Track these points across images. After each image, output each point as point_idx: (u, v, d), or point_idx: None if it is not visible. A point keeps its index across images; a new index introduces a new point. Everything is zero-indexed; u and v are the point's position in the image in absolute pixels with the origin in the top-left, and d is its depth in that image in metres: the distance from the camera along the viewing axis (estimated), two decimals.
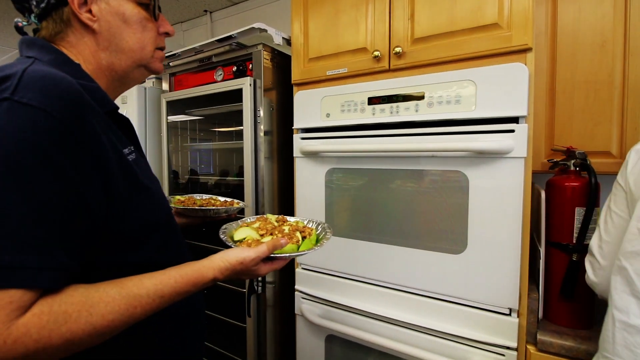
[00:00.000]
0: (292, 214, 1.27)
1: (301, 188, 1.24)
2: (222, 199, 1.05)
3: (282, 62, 1.31)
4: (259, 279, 1.25)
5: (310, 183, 1.22)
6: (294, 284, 1.28)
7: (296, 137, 1.24)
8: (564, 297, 0.89)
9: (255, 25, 1.15)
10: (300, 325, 1.28)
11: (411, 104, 1.00)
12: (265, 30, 1.17)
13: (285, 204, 1.36)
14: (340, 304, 1.16)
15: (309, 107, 1.19)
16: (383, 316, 1.07)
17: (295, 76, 1.23)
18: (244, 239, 0.66)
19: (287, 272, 1.37)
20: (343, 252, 1.16)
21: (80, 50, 0.55)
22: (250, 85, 1.21)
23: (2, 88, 0.40)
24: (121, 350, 0.51)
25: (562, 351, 0.84)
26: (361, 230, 1.13)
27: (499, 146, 0.86)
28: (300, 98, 1.21)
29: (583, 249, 0.86)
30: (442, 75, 0.95)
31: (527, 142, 0.85)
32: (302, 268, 1.27)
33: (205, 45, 1.31)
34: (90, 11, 0.54)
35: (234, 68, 1.28)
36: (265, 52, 1.22)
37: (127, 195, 0.50)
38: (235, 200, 1.02)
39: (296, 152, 1.24)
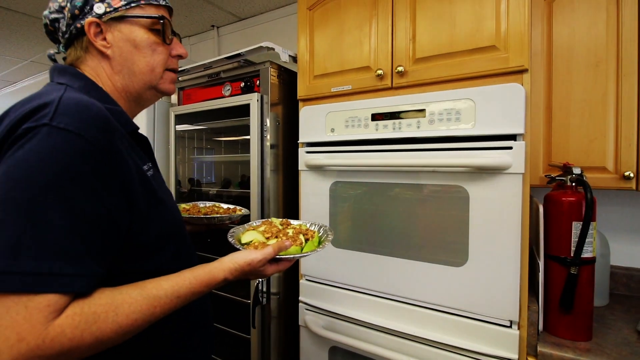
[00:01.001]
0: None
1: (306, 200, 1.27)
2: (225, 206, 1.08)
3: (288, 78, 1.36)
4: (264, 290, 1.27)
5: (314, 195, 1.25)
6: (297, 296, 1.30)
7: (301, 151, 1.27)
8: (563, 309, 0.91)
9: (264, 44, 1.20)
10: (304, 336, 1.29)
11: (413, 120, 1.03)
12: (273, 49, 1.22)
13: (290, 216, 1.39)
14: (343, 316, 1.18)
15: (314, 122, 1.23)
16: (386, 328, 1.09)
17: (301, 92, 1.28)
18: (251, 241, 0.69)
19: (291, 283, 1.39)
20: (346, 264, 1.18)
21: (99, 74, 0.61)
22: (257, 100, 1.25)
23: (42, 114, 0.45)
24: (131, 357, 0.53)
25: None
26: (364, 242, 1.15)
27: (498, 162, 0.89)
28: (306, 113, 1.25)
29: (581, 262, 0.89)
30: (443, 93, 0.99)
31: (525, 159, 0.88)
32: (306, 279, 1.29)
33: (215, 62, 1.36)
34: (105, 39, 0.59)
35: (242, 84, 1.33)
36: (272, 69, 1.27)
37: (146, 210, 0.54)
38: (238, 207, 1.05)
39: (301, 166, 1.27)
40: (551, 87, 1.12)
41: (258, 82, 1.30)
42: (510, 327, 0.91)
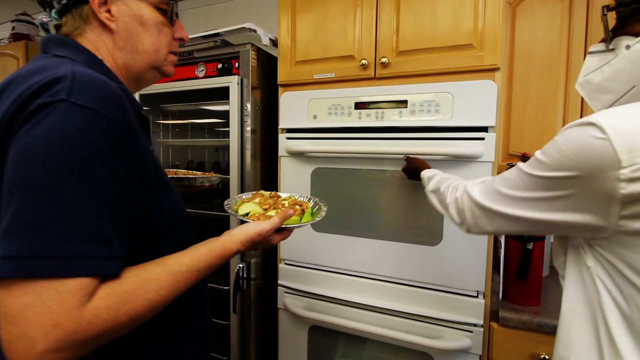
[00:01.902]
0: None
1: (286, 186, 1.28)
2: (199, 173, 1.08)
3: (267, 62, 1.34)
4: (244, 276, 1.28)
5: (295, 181, 1.27)
6: (276, 280, 1.33)
7: (281, 137, 1.27)
8: (519, 279, 1.05)
9: (246, 25, 1.16)
10: (283, 319, 1.33)
11: (395, 110, 1.09)
12: (255, 31, 1.19)
13: None
14: (323, 296, 1.23)
15: (296, 108, 1.24)
16: (365, 304, 1.17)
17: (282, 77, 1.27)
18: (249, 213, 0.71)
19: (269, 268, 1.41)
20: (326, 247, 1.23)
21: (98, 48, 0.56)
22: (237, 83, 1.22)
23: (57, 89, 0.41)
24: (125, 354, 0.52)
25: (520, 325, 1.00)
26: (344, 226, 1.21)
27: (472, 151, 0.99)
28: (287, 99, 1.25)
29: (535, 238, 1.03)
30: (424, 86, 1.06)
31: (495, 149, 0.99)
32: (285, 263, 1.32)
33: (189, 40, 1.28)
34: (109, 11, 0.55)
35: (219, 65, 1.28)
36: (252, 52, 1.24)
37: (157, 191, 0.52)
38: (212, 172, 1.06)
39: (281, 152, 1.28)
40: (512, 85, 1.24)
41: (237, 64, 1.26)
42: (477, 297, 1.04)
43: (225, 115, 1.49)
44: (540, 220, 0.53)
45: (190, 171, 1.06)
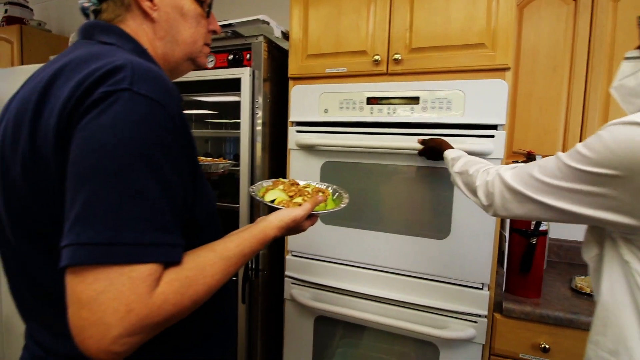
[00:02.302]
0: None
1: (295, 179, 1.29)
2: (209, 159, 1.09)
3: (278, 54, 1.34)
4: (253, 267, 1.29)
5: (304, 174, 1.28)
6: (283, 271, 1.34)
7: (291, 130, 1.28)
8: (522, 272, 1.10)
9: (260, 17, 1.16)
10: (289, 309, 1.34)
11: (407, 106, 1.11)
12: (268, 23, 1.19)
13: None
14: (330, 287, 1.26)
15: (307, 102, 1.24)
16: (371, 295, 1.19)
17: (293, 70, 1.27)
18: (274, 200, 0.73)
19: (276, 260, 1.42)
20: (334, 239, 1.25)
21: (140, 36, 0.56)
22: (249, 75, 1.22)
23: (119, 78, 0.41)
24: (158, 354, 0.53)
25: (522, 316, 1.04)
26: (353, 219, 1.23)
27: (482, 148, 1.02)
28: (298, 92, 1.26)
29: (539, 233, 1.07)
30: (436, 83, 1.08)
31: (504, 146, 1.02)
32: (292, 255, 1.33)
33: None
34: (151, 0, 0.55)
35: (230, 56, 1.27)
36: (264, 44, 1.24)
37: (201, 184, 0.53)
38: (222, 158, 1.07)
39: (291, 145, 1.29)
40: (517, 85, 1.28)
41: (248, 55, 1.26)
42: (482, 288, 1.08)
43: (230, 106, 1.48)
44: (572, 212, 0.55)
45: (200, 157, 1.06)
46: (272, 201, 0.72)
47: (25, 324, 0.55)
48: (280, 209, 0.66)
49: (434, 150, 1.01)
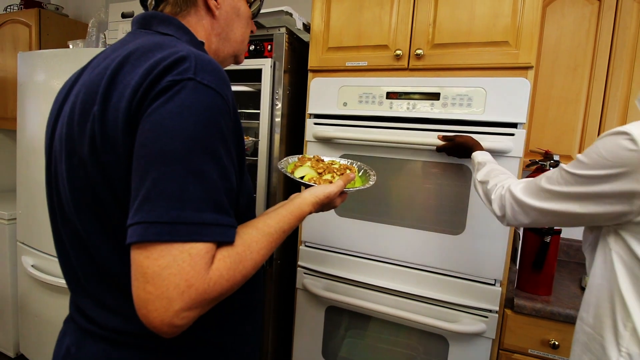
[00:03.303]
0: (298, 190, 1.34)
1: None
2: None
3: (298, 46, 1.34)
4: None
5: None
6: (295, 261, 1.37)
7: (309, 122, 1.29)
8: (534, 270, 1.11)
9: (284, 8, 1.16)
10: (300, 299, 1.37)
11: (427, 102, 1.12)
12: (291, 14, 1.19)
13: (294, 187, 1.42)
14: (343, 278, 1.28)
15: (326, 95, 1.25)
16: (385, 288, 1.22)
17: (313, 63, 1.28)
18: (304, 176, 0.75)
19: (289, 250, 1.45)
20: (348, 231, 1.27)
21: (198, 31, 0.60)
22: (270, 66, 1.23)
23: (185, 68, 0.44)
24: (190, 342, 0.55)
25: (533, 312, 1.06)
26: (369, 213, 1.25)
27: (502, 146, 1.02)
28: (317, 85, 1.26)
29: (553, 232, 1.09)
30: (457, 80, 1.08)
31: (523, 145, 1.03)
32: (306, 245, 1.36)
33: None
34: None
35: (251, 47, 1.28)
36: (286, 35, 1.25)
37: (243, 169, 0.56)
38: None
39: (308, 137, 1.30)
40: (537, 84, 1.28)
41: (269, 47, 1.27)
42: (494, 284, 1.09)
43: (245, 97, 1.49)
44: (571, 212, 0.63)
45: None
46: (302, 178, 0.73)
47: (73, 296, 0.58)
48: (311, 185, 0.67)
49: (461, 147, 1.03)
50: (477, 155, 0.97)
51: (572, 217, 0.64)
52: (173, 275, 0.38)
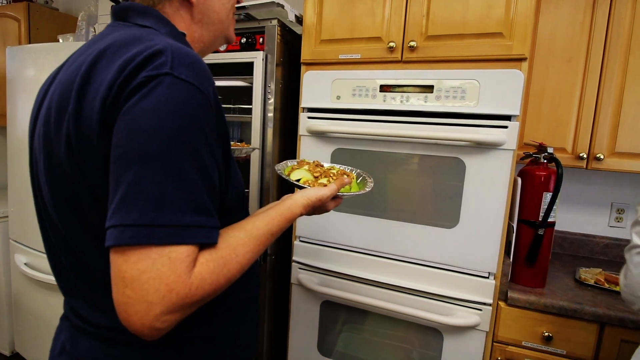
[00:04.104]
0: (292, 191, 1.33)
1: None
2: (232, 142, 1.10)
3: (291, 39, 1.33)
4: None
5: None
6: (289, 257, 1.36)
7: (302, 116, 1.28)
8: (528, 262, 1.11)
9: None
10: (296, 293, 1.37)
11: (421, 95, 1.11)
12: (282, 6, 1.17)
13: (288, 185, 1.40)
14: (337, 272, 1.28)
15: (319, 88, 1.24)
16: (380, 282, 1.21)
17: (305, 56, 1.26)
18: (300, 179, 0.74)
19: (284, 245, 1.44)
20: (343, 226, 1.26)
21: (176, 22, 0.57)
22: (262, 59, 1.21)
23: (161, 63, 0.41)
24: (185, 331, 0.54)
25: (527, 305, 1.06)
26: (362, 207, 1.24)
27: (496, 139, 1.02)
28: (310, 78, 1.25)
29: (546, 225, 1.09)
30: (451, 72, 1.07)
31: (517, 138, 1.02)
32: (300, 240, 1.35)
33: None
34: None
35: (242, 39, 1.26)
36: (278, 28, 1.23)
37: (231, 166, 0.54)
38: (244, 143, 1.07)
39: (302, 131, 1.29)
40: (531, 76, 1.27)
41: (261, 39, 1.25)
42: (488, 277, 1.09)
43: (238, 92, 1.47)
44: None
45: None
46: (298, 180, 0.73)
47: (65, 296, 0.57)
48: (306, 187, 0.67)
49: None
50: None
51: None
52: (152, 279, 0.37)
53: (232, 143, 1.08)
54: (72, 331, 0.54)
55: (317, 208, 0.65)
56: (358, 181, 0.84)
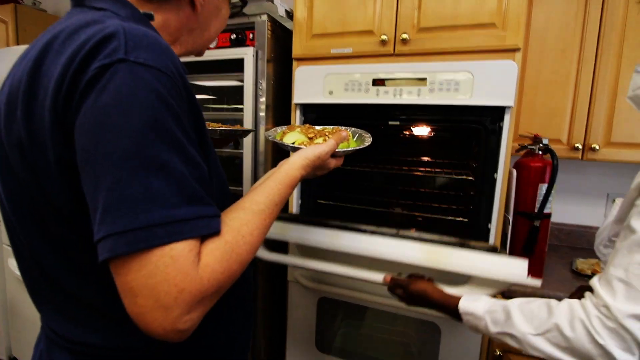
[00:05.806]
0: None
1: None
2: (221, 125, 1.05)
3: (281, 34, 1.31)
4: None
5: None
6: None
7: (295, 112, 1.27)
8: (525, 254, 1.11)
9: None
10: (292, 290, 1.36)
11: (414, 88, 1.10)
12: (272, 1, 1.15)
13: None
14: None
15: (311, 84, 1.22)
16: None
17: (297, 51, 1.25)
18: (294, 142, 0.70)
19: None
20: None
21: (170, 25, 0.53)
22: (253, 56, 1.19)
23: (112, 49, 0.37)
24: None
25: (524, 296, 1.05)
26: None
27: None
28: (302, 74, 1.23)
29: (543, 216, 1.08)
30: (444, 64, 1.06)
31: (512, 129, 1.01)
32: None
33: None
34: None
35: (232, 36, 1.24)
36: (268, 23, 1.21)
37: (208, 151, 0.50)
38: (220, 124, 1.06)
39: None
40: (525, 67, 1.26)
41: (251, 35, 1.23)
42: None
43: (231, 90, 1.45)
44: None
45: (212, 123, 0.99)
46: (293, 143, 0.69)
47: (36, 307, 0.55)
48: (299, 148, 0.63)
49: (420, 298, 0.77)
50: (466, 306, 0.68)
51: None
52: (160, 283, 0.35)
53: (217, 124, 1.03)
54: (47, 342, 0.52)
55: (317, 167, 0.61)
56: (355, 139, 0.79)
